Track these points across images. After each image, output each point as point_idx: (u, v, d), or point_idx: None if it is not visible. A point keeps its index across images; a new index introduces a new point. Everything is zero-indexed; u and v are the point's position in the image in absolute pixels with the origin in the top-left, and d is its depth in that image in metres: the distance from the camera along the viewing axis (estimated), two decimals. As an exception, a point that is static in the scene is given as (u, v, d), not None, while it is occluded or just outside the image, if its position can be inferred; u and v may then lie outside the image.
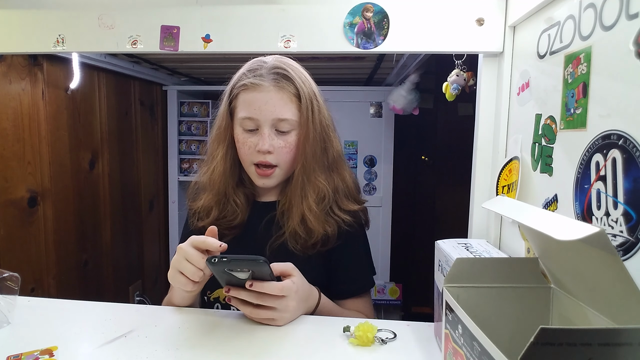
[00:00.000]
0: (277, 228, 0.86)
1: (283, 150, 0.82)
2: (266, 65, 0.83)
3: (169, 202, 2.22)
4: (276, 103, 0.80)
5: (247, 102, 0.82)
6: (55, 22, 0.90)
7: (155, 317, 0.75)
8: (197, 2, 0.87)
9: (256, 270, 0.65)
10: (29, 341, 0.65)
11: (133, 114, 1.96)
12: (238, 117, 0.83)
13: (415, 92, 1.86)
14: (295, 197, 0.84)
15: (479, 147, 0.88)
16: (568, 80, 0.58)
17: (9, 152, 1.28)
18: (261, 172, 0.83)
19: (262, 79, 0.81)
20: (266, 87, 0.80)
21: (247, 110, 0.81)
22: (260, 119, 0.81)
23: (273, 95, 0.80)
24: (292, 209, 0.84)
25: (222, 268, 0.65)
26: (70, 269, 1.55)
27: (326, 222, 0.84)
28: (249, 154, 0.83)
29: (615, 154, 0.47)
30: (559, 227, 0.38)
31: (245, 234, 0.88)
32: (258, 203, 0.91)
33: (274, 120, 0.81)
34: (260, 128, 0.82)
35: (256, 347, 0.65)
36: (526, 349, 0.31)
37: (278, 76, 0.81)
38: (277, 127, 0.82)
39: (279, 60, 0.85)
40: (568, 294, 0.50)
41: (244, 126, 0.83)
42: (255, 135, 0.82)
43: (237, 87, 0.83)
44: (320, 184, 0.84)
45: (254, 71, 0.82)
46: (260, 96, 0.80)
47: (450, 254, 0.66)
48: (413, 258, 2.51)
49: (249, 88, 0.81)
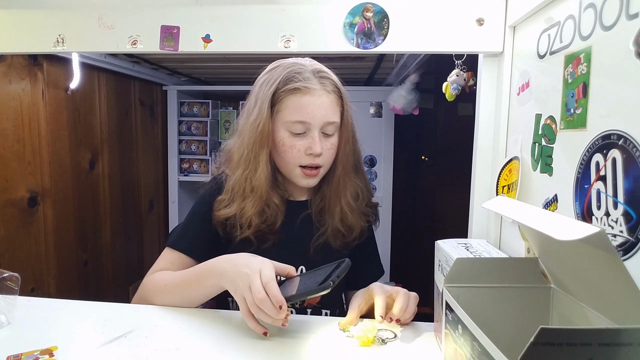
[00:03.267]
0: (315, 227, 0.88)
1: (329, 152, 0.84)
2: (307, 67, 0.83)
3: (169, 202, 2.22)
4: (327, 107, 0.81)
5: (298, 106, 0.80)
6: (55, 22, 0.90)
7: (155, 317, 0.75)
8: (197, 2, 0.87)
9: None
10: (29, 341, 0.65)
11: (133, 114, 1.96)
12: (284, 120, 0.82)
13: (415, 92, 1.86)
14: (334, 195, 0.88)
15: (479, 147, 0.88)
16: (568, 80, 0.58)
17: (9, 152, 1.28)
18: (309, 173, 0.84)
19: (310, 82, 0.81)
20: (317, 90, 0.81)
21: (298, 114, 0.80)
22: (313, 122, 0.81)
23: (324, 99, 0.81)
24: (333, 208, 0.87)
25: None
26: (70, 269, 1.55)
27: (360, 218, 0.90)
28: (298, 156, 0.82)
29: (615, 154, 0.47)
30: (559, 227, 0.38)
31: (284, 235, 0.87)
32: (292, 202, 0.91)
33: (324, 123, 0.82)
34: (309, 131, 0.82)
35: (256, 347, 0.65)
36: (526, 349, 0.31)
37: (323, 79, 0.82)
38: (324, 130, 0.83)
39: (314, 62, 0.86)
40: (568, 294, 0.50)
41: (292, 130, 0.82)
42: (304, 139, 0.82)
43: (284, 90, 0.81)
44: (355, 183, 0.89)
45: (299, 74, 0.81)
46: (312, 100, 0.80)
47: (450, 254, 0.66)
48: (413, 258, 2.51)
49: (301, 91, 0.80)
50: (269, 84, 0.83)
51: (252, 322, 0.67)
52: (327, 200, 0.88)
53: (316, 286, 0.63)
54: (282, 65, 0.84)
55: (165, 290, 0.80)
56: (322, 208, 0.89)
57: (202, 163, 2.20)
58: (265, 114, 0.81)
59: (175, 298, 0.79)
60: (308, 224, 0.89)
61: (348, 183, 0.88)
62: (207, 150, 2.20)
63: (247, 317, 0.67)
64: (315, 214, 0.89)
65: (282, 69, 0.83)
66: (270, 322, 0.65)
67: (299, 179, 0.85)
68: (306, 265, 0.87)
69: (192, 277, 0.78)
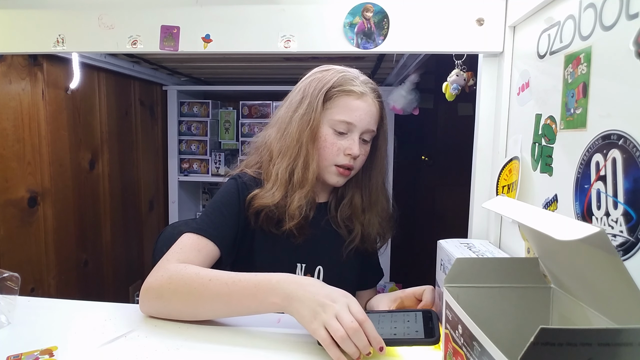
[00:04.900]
0: (342, 231, 0.91)
1: (362, 158, 0.88)
2: (358, 77, 0.87)
3: (169, 202, 2.22)
4: (373, 115, 0.86)
5: (349, 107, 0.83)
6: (55, 22, 0.90)
7: (155, 317, 0.75)
8: (197, 2, 0.87)
9: None
10: (29, 341, 0.65)
11: (133, 114, 1.96)
12: (331, 118, 0.84)
13: (415, 92, 1.86)
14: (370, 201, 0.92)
15: (479, 147, 0.88)
16: (568, 80, 0.58)
17: (9, 152, 1.28)
18: (343, 172, 0.86)
19: (364, 88, 0.85)
20: (370, 98, 0.85)
21: (347, 115, 0.83)
22: (358, 125, 0.84)
23: (372, 107, 0.85)
24: (367, 212, 0.91)
25: None
26: (70, 269, 1.55)
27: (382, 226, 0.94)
28: (336, 154, 0.85)
29: (615, 154, 0.47)
30: (559, 227, 0.38)
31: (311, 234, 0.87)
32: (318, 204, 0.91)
33: (366, 129, 0.85)
34: (351, 133, 0.85)
35: (256, 348, 0.65)
36: (526, 349, 0.31)
37: (373, 90, 0.87)
38: (363, 136, 0.86)
39: (362, 74, 0.89)
40: (568, 294, 0.50)
41: (337, 128, 0.84)
42: (344, 139, 0.85)
43: (339, 90, 0.84)
44: (386, 193, 0.95)
45: (355, 79, 0.85)
46: (364, 105, 0.84)
47: (452, 253, 0.66)
48: (413, 258, 2.51)
49: (356, 95, 0.84)
50: (322, 82, 0.85)
51: (336, 351, 0.60)
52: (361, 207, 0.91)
53: (423, 337, 0.63)
54: (335, 69, 0.88)
55: (208, 286, 0.68)
56: (351, 214, 0.91)
57: (202, 163, 2.20)
58: (317, 109, 0.84)
59: (219, 300, 0.68)
60: (329, 226, 0.91)
61: (381, 193, 0.93)
62: (207, 150, 2.20)
63: (331, 346, 0.60)
64: (342, 219, 0.91)
65: (335, 72, 0.87)
66: (355, 355, 0.60)
67: (331, 175, 0.87)
68: (323, 266, 0.89)
69: (247, 285, 0.67)
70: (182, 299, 0.69)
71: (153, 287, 0.71)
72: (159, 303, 0.71)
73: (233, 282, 0.68)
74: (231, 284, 0.68)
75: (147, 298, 0.72)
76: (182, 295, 0.69)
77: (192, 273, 0.70)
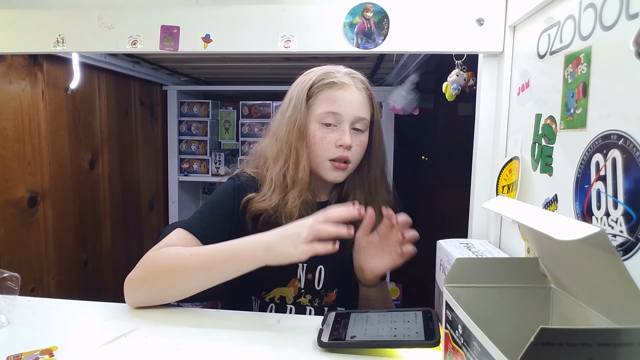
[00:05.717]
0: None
1: (358, 149, 0.86)
2: (340, 70, 0.88)
3: (169, 202, 2.22)
4: (358, 102, 0.85)
5: (331, 99, 0.84)
6: (55, 22, 0.90)
7: (155, 317, 0.75)
8: (197, 2, 0.87)
9: None
10: (29, 341, 0.65)
11: (133, 114, 1.96)
12: (316, 112, 0.85)
13: (415, 92, 1.86)
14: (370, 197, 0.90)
15: (479, 147, 0.88)
16: (568, 80, 0.58)
17: (9, 152, 1.28)
18: (338, 166, 0.85)
19: (344, 79, 0.85)
20: (351, 86, 0.85)
21: (331, 106, 0.84)
22: (344, 114, 0.84)
23: (356, 94, 0.85)
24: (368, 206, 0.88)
25: None
26: (70, 269, 1.55)
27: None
28: (327, 149, 0.84)
29: (615, 154, 0.47)
30: (559, 227, 0.38)
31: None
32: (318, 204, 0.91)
33: (355, 118, 0.84)
34: (339, 124, 0.84)
35: (256, 348, 0.65)
36: (526, 349, 0.31)
37: (356, 79, 0.87)
38: (354, 126, 0.85)
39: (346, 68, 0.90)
40: (568, 294, 0.50)
41: (323, 121, 0.84)
42: (334, 132, 0.84)
43: (320, 85, 0.85)
44: (386, 184, 0.94)
45: (334, 73, 0.86)
46: (346, 94, 0.84)
47: (452, 253, 0.66)
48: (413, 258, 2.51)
49: (336, 85, 0.84)
50: (304, 82, 0.87)
51: (329, 227, 0.69)
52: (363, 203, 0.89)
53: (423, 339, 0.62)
54: (317, 69, 0.89)
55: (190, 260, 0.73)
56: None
57: (202, 163, 2.20)
58: (301, 108, 0.85)
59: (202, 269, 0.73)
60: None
61: (380, 184, 0.92)
62: (207, 150, 2.20)
63: (316, 230, 0.68)
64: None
65: (317, 71, 0.88)
66: (335, 232, 0.67)
67: (327, 171, 0.86)
68: (325, 266, 0.88)
69: (227, 248, 0.73)
70: (166, 278, 0.74)
71: (137, 275, 0.76)
72: (143, 289, 0.75)
73: (212, 250, 0.73)
74: (211, 252, 0.73)
75: (131, 288, 0.76)
76: (166, 274, 0.74)
77: (173, 252, 0.75)
